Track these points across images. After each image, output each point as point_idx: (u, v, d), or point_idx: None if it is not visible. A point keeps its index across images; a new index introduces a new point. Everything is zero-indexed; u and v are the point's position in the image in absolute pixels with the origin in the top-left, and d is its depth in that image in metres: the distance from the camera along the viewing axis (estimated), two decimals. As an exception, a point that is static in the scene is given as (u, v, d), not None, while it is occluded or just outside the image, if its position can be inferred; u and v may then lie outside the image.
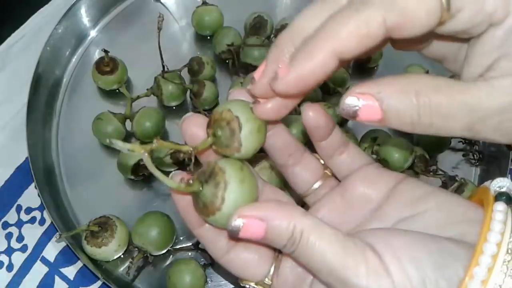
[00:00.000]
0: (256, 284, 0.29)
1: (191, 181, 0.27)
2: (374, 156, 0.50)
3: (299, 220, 0.25)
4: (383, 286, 0.23)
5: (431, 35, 0.26)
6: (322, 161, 0.32)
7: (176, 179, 0.27)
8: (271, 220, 0.25)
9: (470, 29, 0.24)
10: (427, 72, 0.56)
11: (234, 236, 0.25)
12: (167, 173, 0.54)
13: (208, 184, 0.27)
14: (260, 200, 0.29)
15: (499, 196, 0.25)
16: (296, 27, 0.26)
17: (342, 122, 0.54)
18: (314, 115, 0.29)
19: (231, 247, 0.29)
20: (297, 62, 0.24)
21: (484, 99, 0.23)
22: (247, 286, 0.29)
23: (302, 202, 0.33)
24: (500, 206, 0.24)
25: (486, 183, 0.27)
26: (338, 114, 0.52)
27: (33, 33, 0.61)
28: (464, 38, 0.25)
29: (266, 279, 0.28)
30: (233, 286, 0.48)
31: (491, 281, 0.22)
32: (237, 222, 0.25)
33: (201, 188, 0.27)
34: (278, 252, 0.29)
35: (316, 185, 0.32)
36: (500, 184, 0.25)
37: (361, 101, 0.24)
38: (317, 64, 0.24)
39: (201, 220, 0.28)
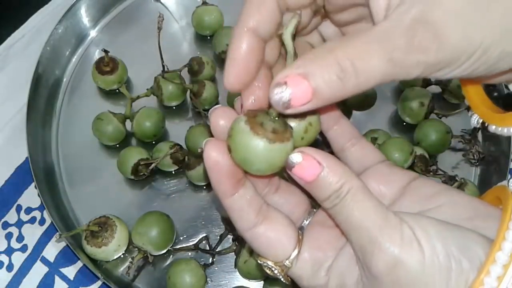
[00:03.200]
0: (275, 264, 0.28)
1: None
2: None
3: (350, 179, 0.26)
4: (413, 255, 0.24)
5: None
6: None
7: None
8: (326, 169, 0.25)
9: None
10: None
11: (288, 168, 0.26)
12: (167, 173, 0.54)
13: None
14: None
15: None
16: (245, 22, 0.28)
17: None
18: None
19: (259, 222, 0.28)
20: (228, 56, 0.27)
21: (389, 27, 0.24)
22: (265, 263, 0.28)
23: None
24: None
25: (503, 182, 0.28)
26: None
27: (33, 33, 0.61)
28: None
29: (287, 261, 0.28)
30: (233, 287, 0.48)
31: None
32: (296, 156, 0.26)
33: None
34: (301, 235, 0.29)
35: None
36: None
37: (288, 84, 0.24)
38: (240, 46, 0.27)
39: (232, 190, 0.27)
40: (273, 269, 0.28)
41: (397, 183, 0.30)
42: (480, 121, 0.30)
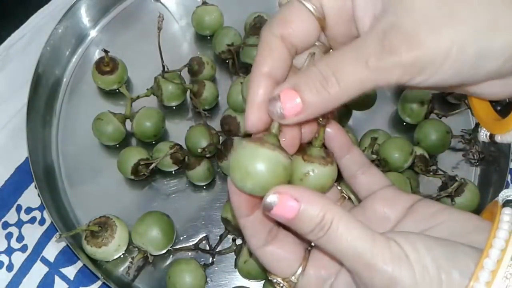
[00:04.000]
0: (282, 279, 0.30)
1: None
2: (374, 156, 0.50)
3: (330, 209, 0.26)
4: (405, 273, 0.25)
5: None
6: (339, 187, 0.35)
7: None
8: (305, 203, 0.26)
9: None
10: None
11: (267, 210, 0.27)
12: (167, 173, 0.54)
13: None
14: None
15: (506, 203, 0.27)
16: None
17: (342, 123, 0.53)
18: (332, 130, 0.32)
19: (269, 242, 0.30)
20: (247, 102, 0.29)
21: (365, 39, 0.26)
22: (274, 280, 0.31)
23: None
24: (508, 210, 0.26)
25: (496, 199, 0.29)
26: (338, 115, 0.53)
27: (33, 33, 0.61)
28: None
29: (293, 277, 0.30)
30: (233, 287, 0.48)
31: (500, 271, 0.24)
32: (272, 197, 0.27)
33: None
34: (307, 253, 0.31)
35: None
36: (507, 194, 0.28)
37: (283, 101, 0.27)
38: (257, 89, 0.29)
39: (249, 212, 0.30)
40: (281, 284, 0.30)
41: (401, 206, 0.32)
42: (488, 134, 0.31)
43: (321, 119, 0.29)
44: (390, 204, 0.32)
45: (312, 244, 0.31)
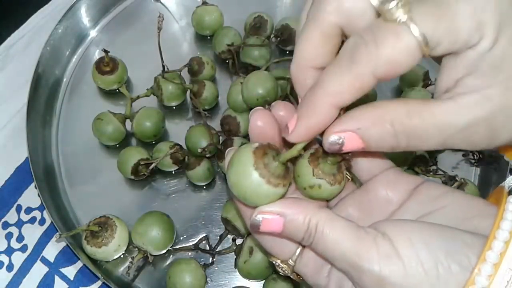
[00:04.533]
0: (281, 261, 0.31)
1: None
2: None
3: (313, 214, 0.27)
4: (394, 269, 0.25)
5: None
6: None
7: None
8: (288, 216, 0.27)
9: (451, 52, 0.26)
10: (426, 72, 0.56)
11: (255, 230, 0.28)
12: (167, 173, 0.54)
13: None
14: None
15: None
16: (303, 60, 0.28)
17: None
18: None
19: None
20: (302, 116, 0.27)
21: (452, 117, 0.25)
22: (274, 262, 0.31)
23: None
24: None
25: (502, 184, 0.29)
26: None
27: (33, 33, 0.61)
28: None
29: (290, 260, 0.31)
30: (233, 287, 0.48)
31: (503, 264, 0.24)
32: (257, 217, 0.28)
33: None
34: None
35: None
36: None
37: (343, 136, 0.26)
38: (319, 117, 0.27)
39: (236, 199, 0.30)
40: (281, 266, 0.31)
41: (404, 188, 0.31)
42: None
43: (349, 153, 0.28)
44: (392, 187, 0.31)
45: None
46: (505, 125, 0.25)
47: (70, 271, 0.50)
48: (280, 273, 0.32)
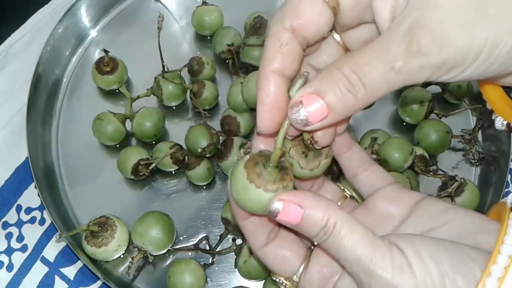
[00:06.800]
0: (285, 279, 0.31)
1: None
2: (374, 156, 0.50)
3: (333, 213, 0.26)
4: (406, 279, 0.25)
5: None
6: (341, 186, 0.35)
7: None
8: (308, 208, 0.26)
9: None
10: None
11: (272, 217, 0.27)
12: (167, 173, 0.54)
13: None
14: None
15: None
16: (266, 65, 0.29)
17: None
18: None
19: (269, 242, 0.30)
20: (259, 102, 0.28)
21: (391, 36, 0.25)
22: (277, 279, 0.31)
23: None
24: None
25: (504, 199, 0.29)
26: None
27: (33, 33, 0.61)
28: None
29: (294, 277, 0.30)
30: (233, 287, 0.48)
31: (507, 278, 0.24)
32: (277, 205, 0.27)
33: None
34: (309, 252, 0.31)
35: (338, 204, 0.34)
36: None
37: (304, 99, 0.26)
38: (269, 88, 0.27)
39: (249, 214, 0.30)
40: (284, 284, 0.30)
41: (406, 204, 0.31)
42: (505, 123, 0.30)
43: (306, 138, 0.28)
44: (394, 202, 0.31)
45: (315, 242, 0.31)
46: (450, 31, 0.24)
47: (70, 271, 0.50)
48: None
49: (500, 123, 0.30)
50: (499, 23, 0.23)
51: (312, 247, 0.31)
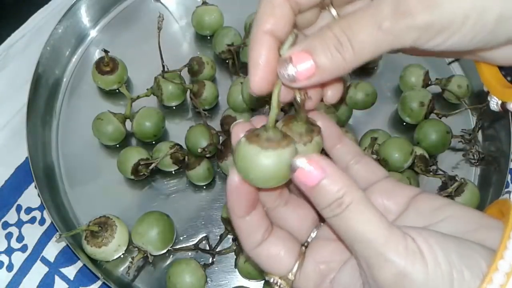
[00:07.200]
0: (280, 278, 0.30)
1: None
2: (374, 156, 0.50)
3: (352, 190, 0.26)
4: (418, 267, 0.24)
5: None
6: None
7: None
8: (329, 177, 0.26)
9: None
10: (426, 72, 0.56)
11: (293, 171, 0.26)
12: (167, 173, 0.54)
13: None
14: None
15: None
16: (258, 25, 0.29)
17: (342, 123, 0.54)
18: (321, 122, 0.31)
19: (263, 241, 0.30)
20: (250, 62, 0.28)
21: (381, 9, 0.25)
22: (272, 279, 0.30)
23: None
24: None
25: (505, 196, 0.28)
26: (339, 115, 0.53)
27: (33, 33, 0.61)
28: None
29: (290, 275, 0.30)
30: (233, 287, 0.48)
31: None
32: (300, 161, 0.26)
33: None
34: (303, 249, 0.30)
35: None
36: None
37: (293, 57, 0.26)
38: (261, 48, 0.27)
39: (245, 212, 0.29)
40: (279, 283, 0.30)
41: (402, 198, 0.31)
42: (500, 102, 0.30)
43: (299, 96, 0.28)
44: (390, 196, 0.31)
45: (309, 239, 0.31)
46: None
47: (70, 271, 0.50)
48: None
49: (495, 103, 0.30)
50: None
51: (306, 244, 0.31)
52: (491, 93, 0.30)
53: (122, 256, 0.49)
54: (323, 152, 0.33)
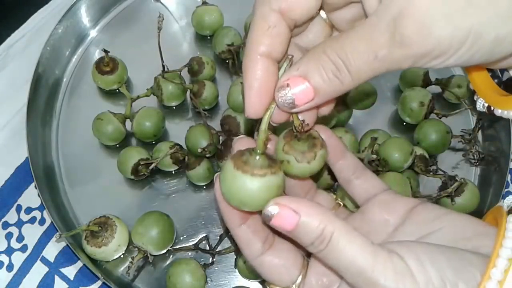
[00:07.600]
0: None
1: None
2: (374, 156, 0.50)
3: (330, 222, 0.26)
4: (409, 287, 0.24)
5: None
6: (333, 195, 0.35)
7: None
8: (305, 215, 0.26)
9: None
10: (426, 73, 0.56)
11: (267, 221, 0.26)
12: (167, 173, 0.54)
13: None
14: None
15: (511, 211, 0.27)
16: (252, 48, 0.28)
17: (342, 123, 0.54)
18: (325, 137, 0.31)
19: (265, 251, 0.29)
20: (245, 86, 0.27)
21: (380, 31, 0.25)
22: None
23: None
24: None
25: (499, 203, 0.29)
26: (338, 115, 0.53)
27: (33, 33, 0.61)
28: None
29: (293, 286, 0.30)
30: (233, 287, 0.48)
31: (507, 282, 0.24)
32: (272, 208, 0.26)
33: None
34: (306, 260, 0.30)
35: None
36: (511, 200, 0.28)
37: (290, 82, 0.26)
38: (256, 72, 0.27)
39: (240, 221, 0.29)
40: None
41: (400, 210, 0.31)
42: (486, 105, 0.30)
43: (296, 121, 0.28)
44: (388, 209, 0.31)
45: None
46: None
47: (70, 271, 0.50)
48: None
49: (481, 104, 0.30)
50: (483, 13, 0.23)
51: (307, 257, 0.31)
52: (477, 94, 0.31)
53: (122, 256, 0.49)
54: (327, 166, 0.33)
